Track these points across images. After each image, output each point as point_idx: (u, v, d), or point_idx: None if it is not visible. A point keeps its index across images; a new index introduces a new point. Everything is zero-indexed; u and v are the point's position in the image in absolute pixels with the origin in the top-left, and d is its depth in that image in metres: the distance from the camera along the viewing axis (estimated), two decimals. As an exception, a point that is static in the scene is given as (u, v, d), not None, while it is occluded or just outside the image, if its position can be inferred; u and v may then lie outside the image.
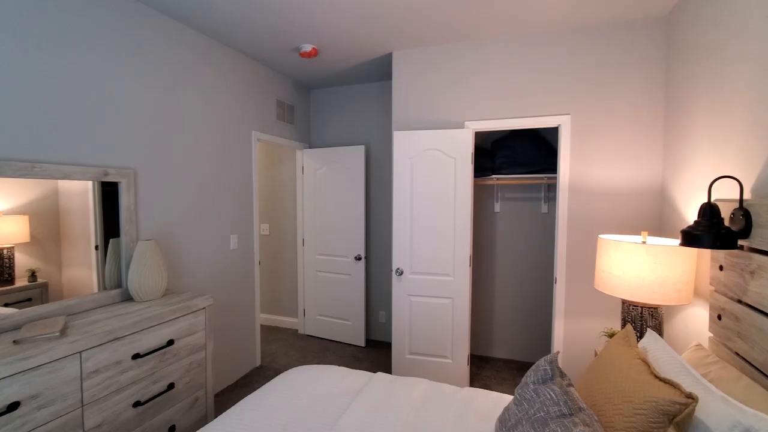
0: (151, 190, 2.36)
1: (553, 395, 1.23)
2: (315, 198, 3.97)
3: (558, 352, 1.42)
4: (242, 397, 2.87)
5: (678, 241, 1.96)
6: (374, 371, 3.27)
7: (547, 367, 1.33)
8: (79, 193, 1.98)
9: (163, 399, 1.92)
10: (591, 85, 2.62)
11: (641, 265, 1.79)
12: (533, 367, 1.39)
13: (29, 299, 1.79)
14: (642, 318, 1.93)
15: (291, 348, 3.78)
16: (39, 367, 1.43)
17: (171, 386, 1.95)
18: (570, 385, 1.30)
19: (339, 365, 2.92)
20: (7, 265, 1.72)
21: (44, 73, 1.82)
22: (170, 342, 1.94)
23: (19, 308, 1.73)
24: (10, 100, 1.70)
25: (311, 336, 4.09)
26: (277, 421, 1.58)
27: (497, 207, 3.49)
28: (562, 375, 1.33)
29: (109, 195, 2.12)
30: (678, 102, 2.28)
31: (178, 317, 2.01)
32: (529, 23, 2.57)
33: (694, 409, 1.07)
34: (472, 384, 3.05)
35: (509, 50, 2.79)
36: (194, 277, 2.70)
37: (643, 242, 1.89)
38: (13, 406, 1.35)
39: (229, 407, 2.66)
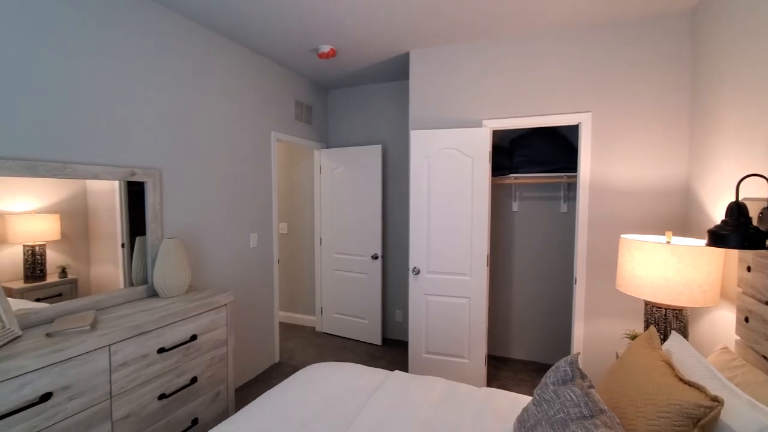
0: (175, 189, 2.43)
1: (573, 396, 1.21)
2: (332, 197, 4.01)
3: (578, 353, 1.41)
4: (262, 392, 2.92)
5: (704, 241, 1.90)
6: (391, 370, 3.29)
7: (567, 368, 1.32)
8: (107, 193, 2.05)
9: (186, 392, 1.98)
10: (613, 81, 2.57)
11: (665, 265, 1.74)
12: (553, 367, 1.38)
13: (60, 294, 1.87)
14: (666, 320, 1.89)
15: (308, 345, 3.83)
16: (71, 359, 1.49)
17: (194, 380, 2.01)
18: (591, 386, 1.28)
19: (356, 363, 2.94)
20: (39, 261, 1.79)
21: (74, 78, 1.90)
22: (193, 337, 2.00)
23: (51, 303, 1.81)
24: (43, 104, 1.78)
25: (328, 334, 4.13)
26: (296, 417, 1.61)
27: (515, 206, 3.45)
28: (583, 376, 1.32)
29: (134, 194, 2.19)
30: (704, 98, 2.21)
31: (201, 313, 2.06)
32: (548, 20, 2.54)
33: (719, 413, 1.04)
34: (489, 385, 3.03)
35: (528, 47, 2.76)
36: (215, 274, 2.76)
37: (668, 242, 1.85)
38: (46, 397, 1.41)
39: (249, 402, 2.72)
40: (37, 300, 1.78)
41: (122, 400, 1.67)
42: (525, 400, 1.76)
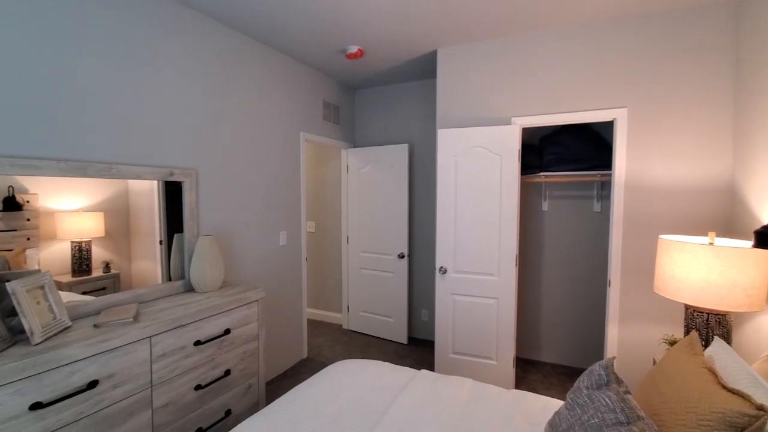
0: (209, 188, 2.52)
1: (608, 402, 1.18)
2: (359, 196, 4.05)
3: (614, 358, 1.36)
4: (291, 387, 2.99)
5: (750, 243, 1.80)
6: (417, 369, 3.29)
7: (602, 373, 1.29)
8: (146, 192, 2.16)
9: (220, 384, 2.06)
10: (650, 75, 2.47)
11: (708, 268, 1.66)
12: (587, 371, 1.34)
13: (104, 288, 1.97)
14: (708, 325, 1.80)
15: (336, 342, 3.88)
16: (115, 349, 1.58)
17: (227, 372, 2.08)
18: (627, 392, 1.24)
19: (382, 361, 2.96)
20: (86, 257, 1.90)
21: (120, 84, 2.00)
22: (227, 331, 2.07)
23: (96, 296, 1.92)
24: (92, 109, 1.89)
25: (354, 331, 4.18)
26: (325, 412, 1.64)
27: (545, 205, 3.37)
28: (619, 381, 1.28)
29: (171, 194, 2.28)
30: (749, 92, 2.09)
31: (234, 308, 2.13)
32: (581, 13, 2.46)
33: (765, 423, 0.99)
34: (517, 387, 2.98)
35: (559, 42, 2.69)
36: (247, 270, 2.85)
37: (710, 243, 1.76)
38: (93, 384, 1.50)
39: (279, 396, 2.79)
40: (84, 293, 1.89)
41: (162, 390, 1.76)
42: (556, 404, 1.73)
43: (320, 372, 2.05)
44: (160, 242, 2.24)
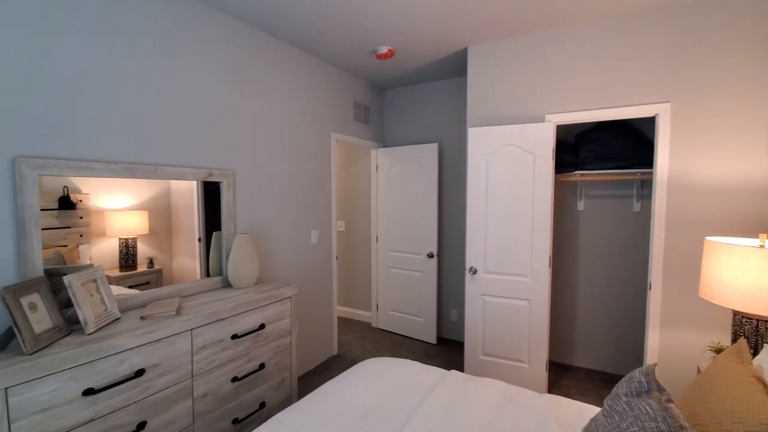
0: (245, 188, 2.61)
1: (649, 410, 1.13)
2: (388, 196, 4.07)
3: (655, 364, 1.31)
4: (322, 382, 3.05)
5: (810, 247, 1.67)
6: (446, 369, 3.27)
7: (643, 379, 1.24)
8: (186, 192, 2.26)
9: (255, 377, 2.13)
10: (696, 67, 2.34)
11: (759, 272, 1.56)
12: (626, 378, 1.30)
13: (148, 282, 2.09)
14: (758, 332, 1.69)
15: (365, 340, 3.92)
16: (160, 340, 1.67)
17: (262, 366, 2.15)
18: (669, 400, 1.19)
19: (411, 360, 2.96)
20: (132, 253, 2.02)
21: (164, 89, 2.11)
22: (262, 326, 2.14)
23: (141, 290, 2.04)
24: (140, 114, 2.00)
25: (383, 330, 4.20)
26: (355, 408, 1.67)
27: (581, 205, 3.26)
28: (660, 389, 1.22)
29: (209, 193, 2.38)
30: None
31: (269, 304, 2.21)
32: (618, 4, 2.37)
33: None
34: (550, 392, 2.90)
35: (596, 36, 2.59)
36: (280, 268, 2.93)
37: (762, 246, 1.65)
38: (140, 373, 1.60)
39: (311, 390, 2.86)
40: (130, 287, 2.01)
41: (201, 380, 1.84)
42: (591, 410, 1.68)
43: (350, 369, 2.08)
44: (199, 239, 2.35)
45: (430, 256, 3.78)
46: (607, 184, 3.17)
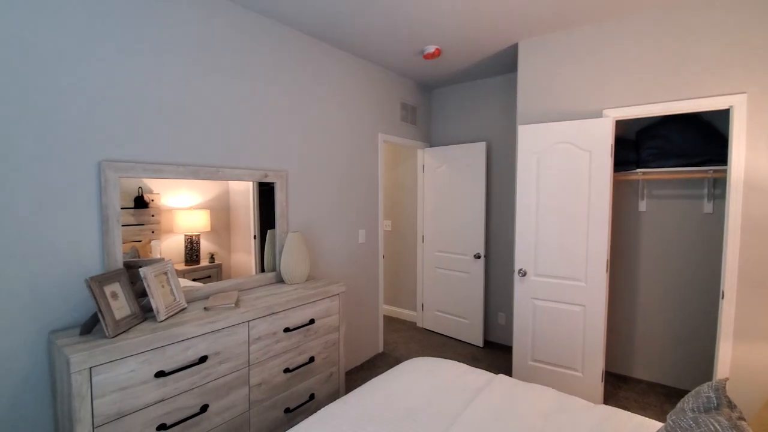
0: (297, 188, 2.73)
1: (718, 427, 1.05)
2: (435, 196, 4.05)
3: (726, 379, 1.21)
4: (368, 378, 3.11)
5: None
6: (493, 373, 3.20)
7: (712, 395, 1.15)
8: (243, 192, 2.40)
9: (305, 369, 2.22)
10: (782, 54, 2.10)
11: None
12: (693, 392, 1.21)
13: (209, 276, 2.25)
14: None
15: (410, 340, 3.94)
16: (221, 330, 1.80)
17: (311, 359, 2.24)
18: (741, 418, 1.09)
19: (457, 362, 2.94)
20: (196, 249, 2.19)
21: (225, 96, 2.26)
22: (312, 321, 2.23)
23: (203, 283, 2.20)
24: (205, 118, 2.16)
25: (429, 330, 4.19)
26: (401, 405, 1.69)
27: (643, 206, 3.05)
28: (731, 406, 1.13)
29: (264, 193, 2.52)
30: None
31: (318, 300, 2.29)
32: (691, -10, 2.19)
33: None
34: (606, 403, 2.75)
35: (659, 23, 2.41)
36: (328, 265, 3.03)
37: None
38: (203, 359, 1.73)
39: (358, 386, 2.92)
40: (194, 280, 2.18)
41: (257, 369, 1.96)
42: (653, 425, 1.57)
43: (397, 366, 2.11)
44: (255, 237, 2.48)
45: (477, 257, 3.72)
46: (674, 182, 2.93)
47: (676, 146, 2.75)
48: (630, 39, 2.52)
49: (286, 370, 2.10)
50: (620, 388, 2.97)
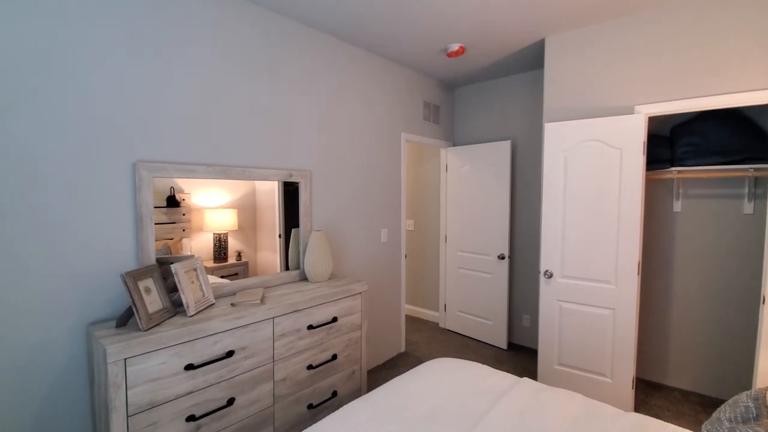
0: (321, 188, 2.77)
1: (759, 439, 1.00)
2: (458, 195, 4.01)
3: (766, 388, 1.14)
4: (390, 377, 3.12)
5: None
6: (518, 376, 3.14)
7: (751, 404, 1.09)
8: (269, 192, 2.45)
9: (328, 366, 2.25)
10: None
11: None
12: (730, 401, 1.15)
13: (236, 273, 2.31)
14: None
15: (432, 340, 3.92)
16: (247, 325, 1.85)
17: (334, 357, 2.27)
18: (787, 431, 1.03)
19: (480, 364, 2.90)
20: (224, 247, 2.25)
21: (253, 98, 2.32)
22: (334, 319, 2.25)
23: (230, 280, 2.26)
24: (235, 122, 2.22)
25: (451, 331, 4.16)
26: (423, 406, 1.68)
27: (677, 206, 2.92)
28: (775, 417, 1.07)
29: (288, 193, 2.56)
30: None
31: (341, 298, 2.31)
32: (731, -21, 2.08)
33: None
34: (636, 411, 2.65)
35: (695, 14, 2.30)
36: (351, 264, 3.05)
37: None
38: (230, 354, 1.78)
39: (379, 384, 2.94)
40: (221, 277, 2.24)
41: (281, 365, 2.00)
42: (687, 433, 1.51)
43: (419, 366, 2.10)
44: (279, 236, 2.53)
45: (501, 257, 3.66)
46: (711, 181, 2.80)
47: (715, 143, 2.62)
48: (665, 31, 2.42)
49: (310, 367, 2.13)
50: (652, 395, 2.86)
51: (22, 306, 1.57)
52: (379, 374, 3.18)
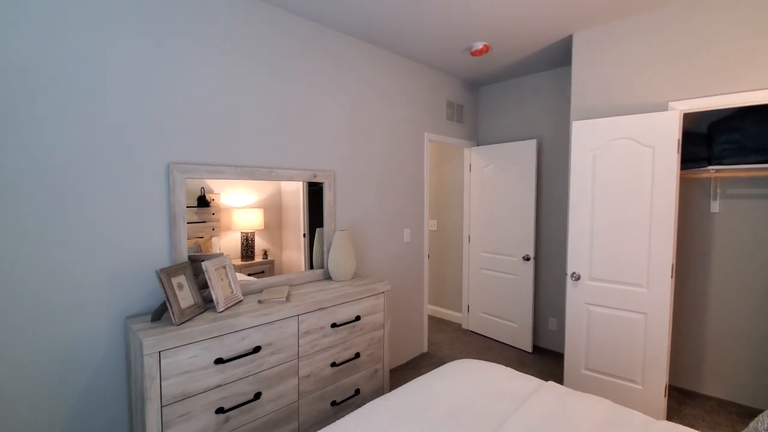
0: (345, 188, 2.80)
1: (802, 452, 0.95)
2: (482, 195, 3.97)
3: (813, 400, 1.08)
4: (412, 377, 3.12)
5: None
6: (542, 380, 3.08)
7: (794, 416, 1.03)
8: (293, 192, 2.50)
9: (351, 365, 2.28)
10: None
11: None
12: (767, 412, 1.10)
13: (262, 272, 2.37)
14: None
15: (455, 341, 3.89)
16: (273, 322, 1.90)
17: (357, 355, 2.29)
18: (834, 446, 0.97)
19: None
20: (251, 245, 2.31)
21: (281, 99, 2.37)
22: (357, 317, 2.28)
23: (257, 278, 2.32)
24: (262, 123, 2.28)
25: (474, 332, 4.12)
26: (445, 406, 1.68)
27: (715, 206, 2.78)
28: (821, 430, 1.01)
29: (313, 193, 2.61)
30: None
31: (364, 297, 2.34)
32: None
33: None
34: (669, 420, 2.55)
35: (735, 7, 2.19)
36: (374, 264, 3.07)
37: None
38: (257, 349, 1.83)
39: (402, 384, 2.95)
40: (249, 275, 2.30)
41: (305, 362, 2.04)
42: (724, 444, 1.44)
43: (441, 367, 2.09)
44: (304, 235, 2.58)
45: (526, 258, 3.59)
46: (753, 181, 2.65)
47: (757, 140, 2.48)
48: (702, 25, 2.32)
49: (333, 364, 2.16)
50: (686, 404, 2.74)
51: (67, 303, 1.67)
52: (402, 374, 3.19)
